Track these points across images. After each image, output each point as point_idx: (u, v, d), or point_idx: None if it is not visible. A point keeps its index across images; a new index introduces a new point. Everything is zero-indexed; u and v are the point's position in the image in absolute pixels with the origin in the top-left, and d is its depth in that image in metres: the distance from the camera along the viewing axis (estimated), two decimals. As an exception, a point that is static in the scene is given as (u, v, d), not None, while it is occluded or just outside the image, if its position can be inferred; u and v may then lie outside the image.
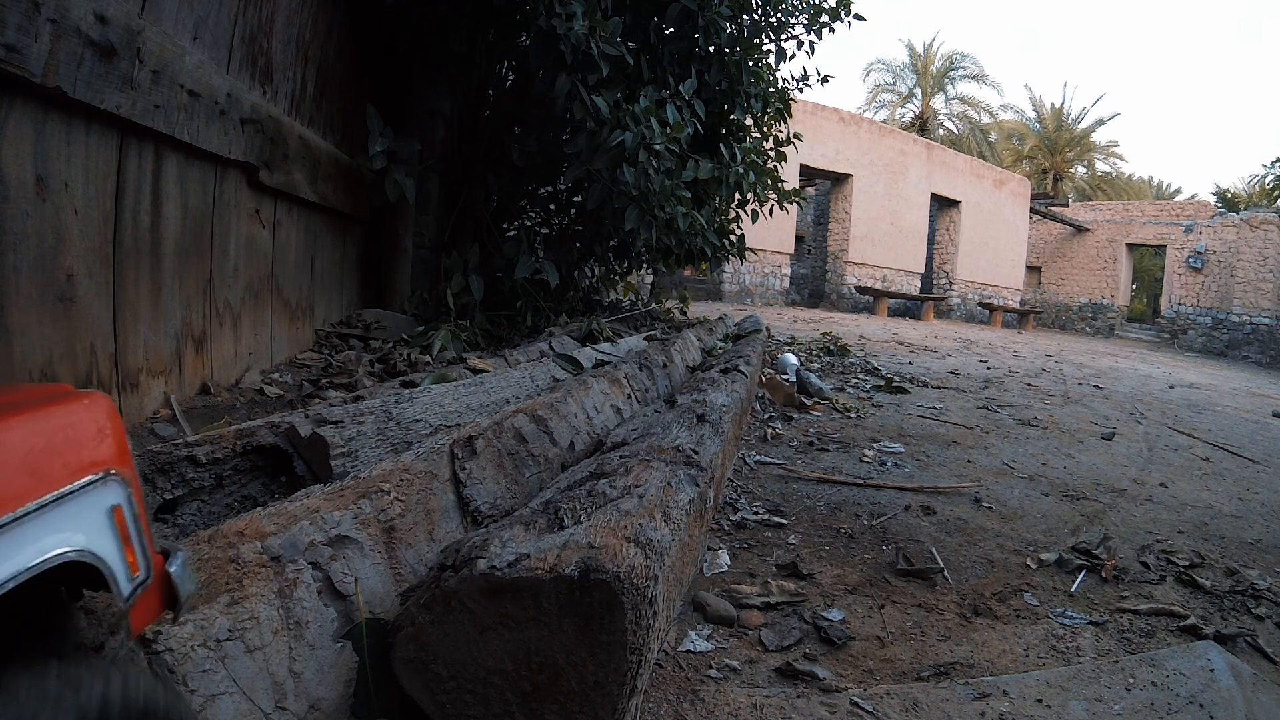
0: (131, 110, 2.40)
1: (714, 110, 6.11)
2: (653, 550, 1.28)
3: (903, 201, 19.02)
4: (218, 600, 1.10)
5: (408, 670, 1.18)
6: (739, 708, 1.50)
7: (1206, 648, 1.84)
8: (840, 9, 6.40)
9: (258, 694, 1.09)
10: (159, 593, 0.83)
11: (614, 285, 7.46)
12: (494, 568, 1.14)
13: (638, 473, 1.70)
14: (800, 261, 23.03)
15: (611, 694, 1.13)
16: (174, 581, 0.83)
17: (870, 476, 3.32)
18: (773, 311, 14.30)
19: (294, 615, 1.20)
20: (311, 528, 1.34)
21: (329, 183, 4.13)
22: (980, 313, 20.98)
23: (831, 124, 17.28)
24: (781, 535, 2.56)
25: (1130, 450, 4.60)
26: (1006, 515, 3.01)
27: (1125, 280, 23.73)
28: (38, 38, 1.99)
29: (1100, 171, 33.98)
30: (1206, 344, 19.95)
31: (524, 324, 5.36)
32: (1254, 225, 19.38)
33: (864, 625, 1.97)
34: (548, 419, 2.35)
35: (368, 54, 4.75)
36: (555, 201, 6.45)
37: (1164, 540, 2.88)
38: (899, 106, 30.76)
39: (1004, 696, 1.60)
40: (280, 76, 3.64)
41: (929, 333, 13.35)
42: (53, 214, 2.15)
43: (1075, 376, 8.60)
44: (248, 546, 1.21)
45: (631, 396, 3.19)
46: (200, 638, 1.04)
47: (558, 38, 4.39)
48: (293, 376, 3.49)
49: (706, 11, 5.38)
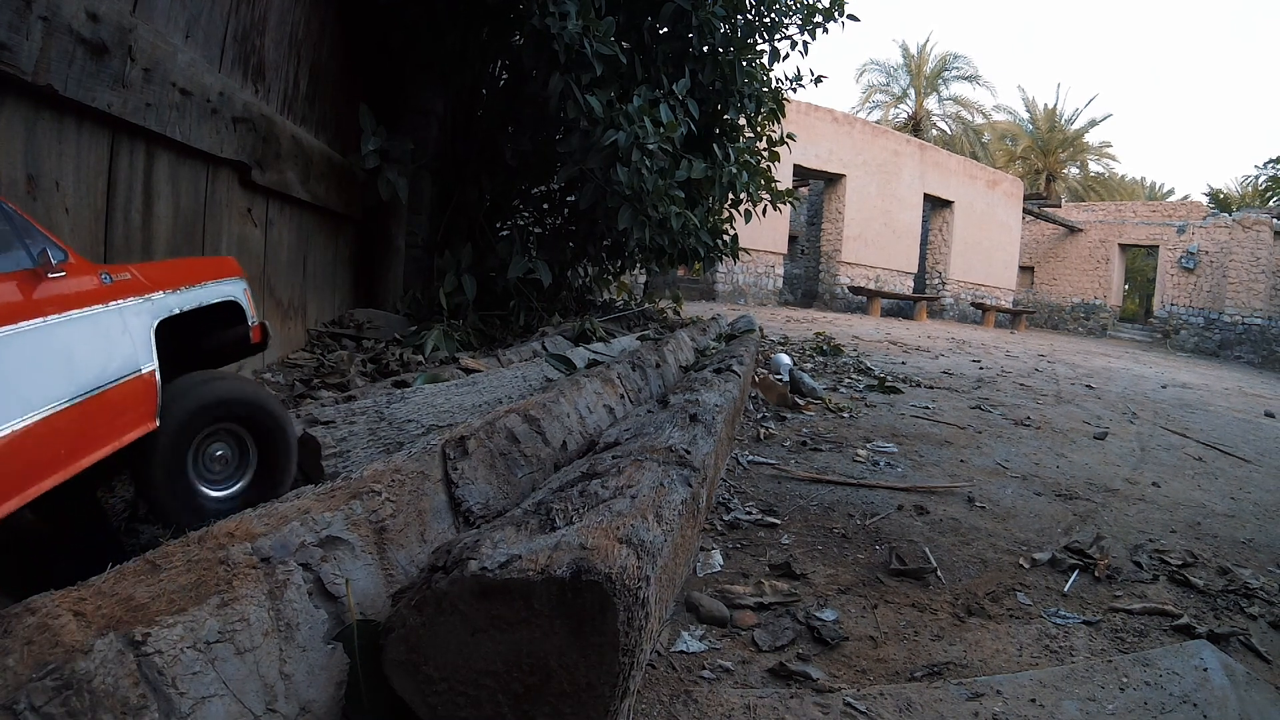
0: (123, 109, 2.38)
1: (707, 110, 6.11)
2: (645, 551, 1.28)
3: (896, 202, 19.05)
4: (208, 602, 1.09)
5: (399, 672, 1.17)
6: (732, 708, 1.50)
7: (1200, 647, 1.85)
8: (834, 9, 6.41)
9: (248, 696, 1.08)
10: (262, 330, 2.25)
11: (607, 285, 7.45)
12: (485, 569, 1.14)
13: (630, 473, 1.69)
14: (794, 261, 23.06)
15: (603, 695, 1.12)
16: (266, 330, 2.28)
17: (863, 476, 3.33)
18: (766, 311, 14.31)
19: (285, 617, 1.19)
20: (302, 529, 1.33)
21: (321, 182, 4.11)
22: (973, 313, 21.03)
23: (825, 124, 17.29)
24: (774, 535, 2.56)
25: (1123, 450, 4.62)
26: (999, 515, 3.01)
27: (1118, 280, 23.82)
28: (29, 35, 1.97)
29: (1093, 172, 34.09)
30: (1199, 344, 20.03)
31: (517, 324, 5.35)
32: (1246, 226, 19.47)
33: (857, 625, 1.97)
34: (540, 419, 2.34)
35: (361, 53, 4.74)
36: (549, 201, 6.44)
37: (1157, 540, 2.89)
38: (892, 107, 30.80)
39: (997, 696, 1.60)
40: (273, 75, 3.63)
41: (922, 333, 13.38)
42: (44, 212, 2.13)
43: (1068, 376, 8.63)
44: (238, 548, 1.20)
45: (624, 396, 3.19)
46: (190, 640, 1.03)
47: (551, 37, 4.38)
48: (285, 376, 3.48)
49: (700, 11, 5.38)
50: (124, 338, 1.65)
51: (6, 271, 1.40)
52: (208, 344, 2.23)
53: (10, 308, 1.36)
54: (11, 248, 1.44)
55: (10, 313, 1.35)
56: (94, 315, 1.57)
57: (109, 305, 1.62)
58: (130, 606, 1.04)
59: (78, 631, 0.94)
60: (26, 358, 1.36)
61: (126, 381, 1.63)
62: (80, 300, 1.54)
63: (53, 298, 1.47)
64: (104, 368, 1.57)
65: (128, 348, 1.65)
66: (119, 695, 0.93)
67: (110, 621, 0.99)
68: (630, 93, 5.00)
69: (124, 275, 1.73)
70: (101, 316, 1.59)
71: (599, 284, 7.34)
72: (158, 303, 1.81)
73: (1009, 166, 30.68)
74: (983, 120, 31.31)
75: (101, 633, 0.96)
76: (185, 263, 2.19)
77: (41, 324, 1.41)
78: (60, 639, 0.92)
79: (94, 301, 1.58)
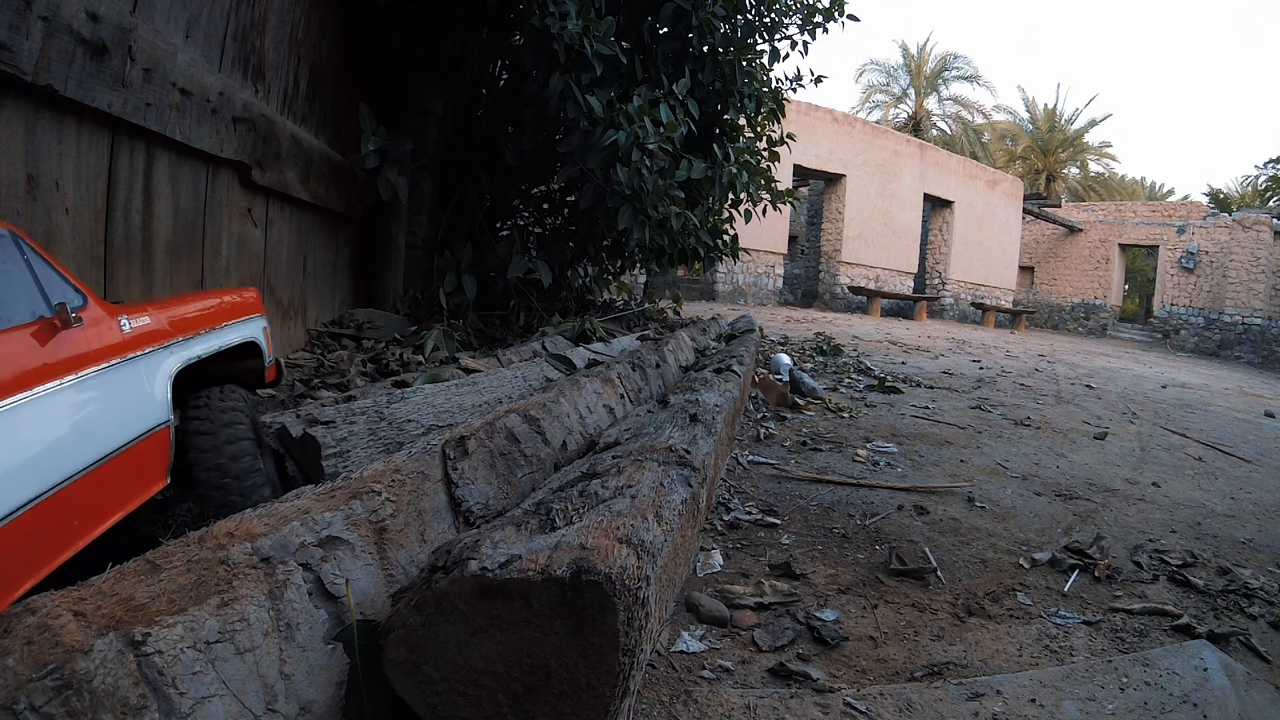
0: (123, 109, 2.38)
1: (707, 110, 6.11)
2: (645, 551, 1.28)
3: (896, 202, 19.05)
4: (207, 602, 1.09)
5: (399, 672, 1.17)
6: (732, 708, 1.50)
7: (1200, 647, 1.85)
8: (834, 9, 6.41)
9: (248, 696, 1.08)
10: (276, 368, 2.32)
11: (607, 285, 7.45)
12: (485, 569, 1.14)
13: (630, 473, 1.69)
14: (794, 261, 23.06)
15: (603, 695, 1.12)
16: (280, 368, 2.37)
17: (863, 476, 3.33)
18: (766, 311, 14.31)
19: (285, 617, 1.19)
20: (302, 529, 1.33)
21: (321, 182, 4.11)
22: (973, 313, 21.03)
23: (825, 124, 17.29)
24: (774, 535, 2.56)
25: (1123, 450, 4.62)
26: (999, 515, 3.01)
27: (1118, 280, 23.81)
28: (29, 35, 1.97)
29: (1093, 172, 34.07)
30: (1199, 344, 20.03)
31: (517, 324, 5.35)
32: (1246, 226, 19.46)
33: (857, 625, 1.97)
34: (540, 419, 2.34)
35: (361, 53, 4.74)
36: (549, 201, 6.44)
37: (1157, 540, 2.89)
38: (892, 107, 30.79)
39: (997, 696, 1.60)
40: (273, 75, 3.63)
41: (922, 333, 13.37)
42: (44, 213, 2.14)
43: (1068, 376, 8.62)
44: (238, 548, 1.20)
45: (624, 396, 3.19)
46: (190, 640, 1.03)
47: (551, 37, 4.38)
48: (285, 376, 3.48)
49: (700, 11, 5.38)
50: (143, 392, 1.54)
51: (22, 323, 1.29)
52: (217, 371, 2.12)
53: (23, 373, 1.24)
54: (28, 296, 1.34)
55: (22, 378, 1.23)
56: (112, 370, 1.46)
57: (128, 358, 1.52)
58: (130, 606, 1.04)
59: (78, 631, 0.94)
60: (40, 426, 1.25)
61: (143, 440, 1.52)
62: (99, 355, 1.43)
63: (69, 354, 1.36)
64: (121, 427, 1.46)
65: (146, 403, 1.55)
66: (119, 695, 0.93)
67: (110, 621, 0.99)
68: (630, 93, 5.00)
69: (143, 319, 1.61)
70: (120, 370, 1.49)
71: (599, 284, 7.34)
72: (178, 351, 1.70)
73: (1009, 166, 30.67)
74: (983, 120, 31.31)
75: (101, 633, 0.96)
76: (206, 299, 2.02)
77: (56, 387, 1.30)
78: (60, 639, 0.92)
79: (113, 355, 1.48)
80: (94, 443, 1.37)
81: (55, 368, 1.32)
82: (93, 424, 1.38)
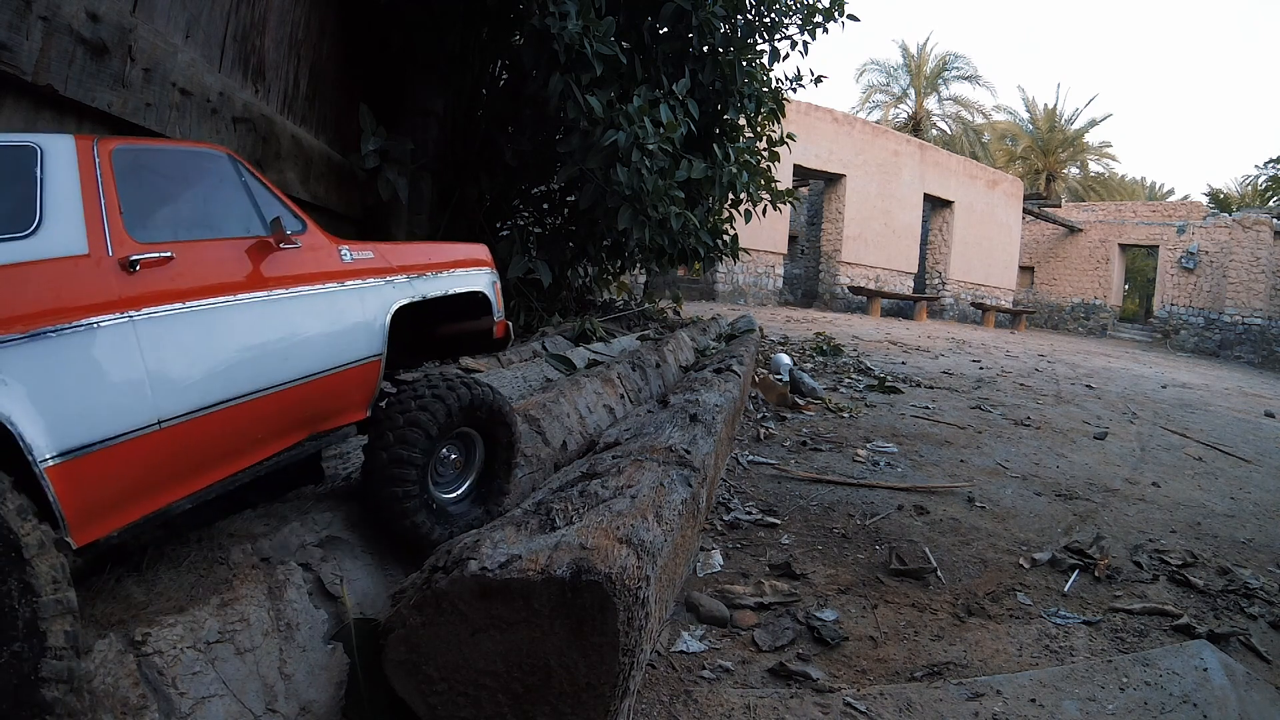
0: (123, 108, 2.38)
1: (707, 110, 6.10)
2: (645, 551, 1.28)
3: (896, 202, 19.03)
4: (208, 602, 1.09)
5: (399, 672, 1.17)
6: (732, 708, 1.50)
7: (1200, 647, 1.85)
8: (834, 9, 6.40)
9: (248, 696, 1.08)
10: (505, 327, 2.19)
11: (607, 285, 7.45)
12: (485, 569, 1.14)
13: (630, 473, 1.69)
14: (793, 261, 23.05)
15: (603, 695, 1.12)
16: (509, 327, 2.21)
17: (863, 476, 3.33)
18: (766, 311, 14.31)
19: (284, 617, 1.19)
20: (302, 529, 1.33)
21: (321, 182, 4.11)
22: (973, 313, 21.02)
23: (825, 124, 17.28)
24: (775, 535, 2.56)
25: (1123, 450, 4.62)
26: (999, 515, 3.01)
27: (1118, 280, 23.80)
28: (29, 35, 1.97)
29: (1093, 172, 34.04)
30: (1199, 344, 20.01)
31: (517, 324, 5.35)
32: (1246, 226, 19.45)
33: (857, 625, 1.97)
34: (540, 419, 2.34)
35: (361, 53, 4.73)
36: (549, 201, 6.44)
37: (1157, 539, 2.89)
38: (892, 107, 30.76)
39: (997, 696, 1.60)
40: (273, 75, 3.63)
41: (922, 333, 13.37)
42: (42, 213, 2.13)
43: (1068, 376, 8.62)
44: (238, 548, 1.20)
45: (624, 396, 3.19)
46: (190, 640, 1.03)
47: (551, 37, 4.37)
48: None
49: (700, 11, 5.37)
50: (358, 320, 1.55)
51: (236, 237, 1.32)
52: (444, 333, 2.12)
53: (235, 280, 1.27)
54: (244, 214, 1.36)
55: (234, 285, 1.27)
56: (328, 294, 1.48)
57: (345, 285, 1.54)
58: (130, 606, 1.04)
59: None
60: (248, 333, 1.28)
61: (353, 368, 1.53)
62: (314, 276, 1.46)
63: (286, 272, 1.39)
64: (332, 349, 1.47)
65: (361, 331, 1.56)
66: (119, 695, 0.93)
67: (110, 621, 0.99)
68: (630, 93, 4.99)
69: (365, 254, 1.64)
70: (337, 295, 1.50)
71: (599, 284, 7.34)
72: (400, 287, 1.70)
73: (1009, 166, 30.65)
74: (983, 120, 31.28)
75: (101, 633, 0.96)
76: (434, 246, 2.03)
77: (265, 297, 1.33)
78: (60, 639, 0.92)
79: (329, 279, 1.50)
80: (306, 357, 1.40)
81: (270, 281, 1.35)
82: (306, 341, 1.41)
